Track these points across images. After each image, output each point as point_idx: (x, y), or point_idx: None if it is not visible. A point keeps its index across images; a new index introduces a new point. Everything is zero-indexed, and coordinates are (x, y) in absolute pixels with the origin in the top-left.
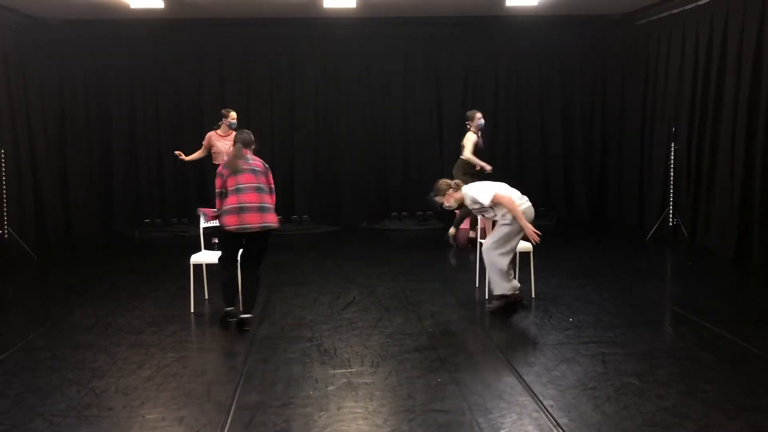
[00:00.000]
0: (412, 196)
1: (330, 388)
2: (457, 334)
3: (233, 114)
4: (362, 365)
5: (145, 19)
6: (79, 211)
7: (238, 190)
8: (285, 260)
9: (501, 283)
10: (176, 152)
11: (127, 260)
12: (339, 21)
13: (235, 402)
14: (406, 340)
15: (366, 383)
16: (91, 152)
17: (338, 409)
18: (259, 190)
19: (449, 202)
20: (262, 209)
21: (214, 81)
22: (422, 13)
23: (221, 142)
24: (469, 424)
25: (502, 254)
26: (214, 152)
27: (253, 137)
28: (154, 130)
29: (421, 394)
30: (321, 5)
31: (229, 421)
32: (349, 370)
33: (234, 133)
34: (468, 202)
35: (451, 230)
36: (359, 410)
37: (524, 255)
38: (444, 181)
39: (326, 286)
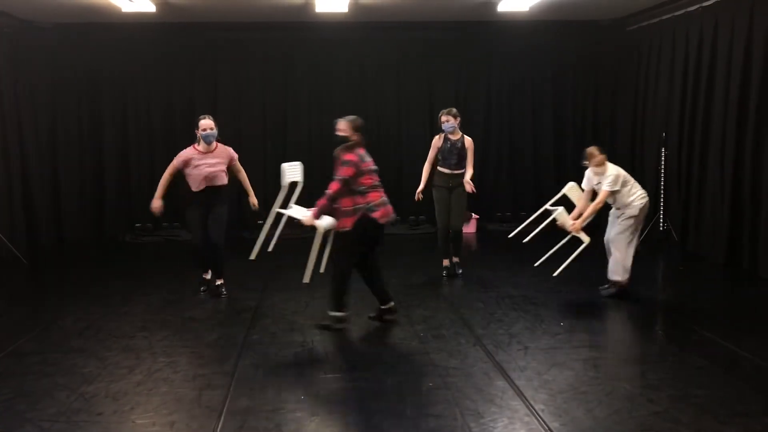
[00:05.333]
0: (404, 200)
1: (321, 392)
2: (448, 338)
3: (203, 123)
4: (354, 370)
5: (137, 23)
6: (70, 215)
7: (376, 187)
8: (277, 264)
9: (623, 271)
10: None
11: (118, 264)
12: (331, 25)
13: (226, 407)
14: (398, 344)
15: (357, 388)
16: (82, 156)
17: (329, 413)
18: None
19: (595, 165)
20: None
21: (206, 85)
22: (414, 18)
23: (202, 161)
24: (461, 429)
25: (630, 244)
26: (187, 175)
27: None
28: (145, 134)
29: (413, 399)
30: (313, 9)
31: (219, 426)
32: (341, 375)
33: (218, 146)
34: (608, 173)
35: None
36: (351, 415)
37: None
38: (595, 147)
39: (318, 290)
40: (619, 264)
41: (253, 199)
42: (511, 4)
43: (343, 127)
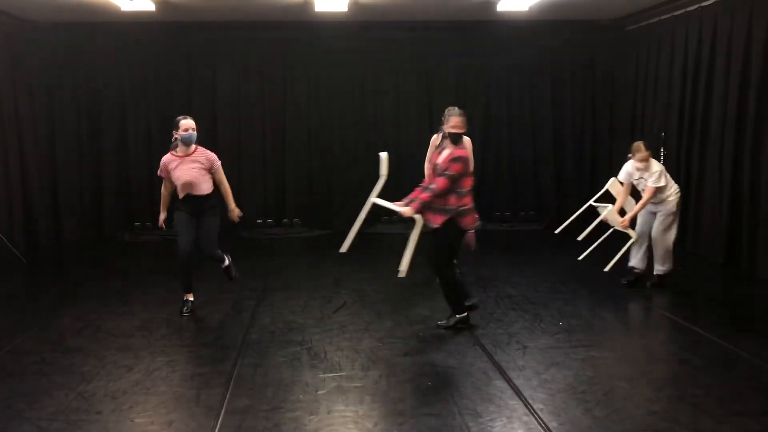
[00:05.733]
0: (403, 197)
1: (320, 392)
2: (447, 337)
3: (184, 123)
4: (353, 369)
5: (136, 22)
6: (69, 215)
7: (471, 191)
8: (275, 264)
9: (669, 264)
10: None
11: (117, 264)
12: (330, 25)
13: (224, 406)
14: (397, 343)
15: (356, 387)
16: (81, 155)
17: (328, 413)
18: None
19: (639, 160)
20: None
21: (204, 84)
22: (413, 18)
23: (179, 166)
24: (459, 428)
25: (674, 236)
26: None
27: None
28: (144, 133)
29: (412, 398)
30: (312, 9)
31: (218, 425)
32: (340, 374)
33: (197, 149)
34: (654, 170)
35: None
36: (349, 414)
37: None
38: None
39: (317, 290)
40: (668, 257)
41: (234, 213)
42: (511, 4)
43: (458, 123)
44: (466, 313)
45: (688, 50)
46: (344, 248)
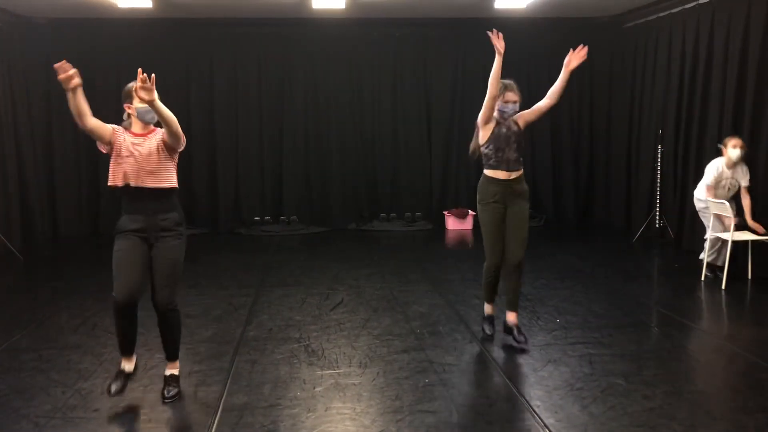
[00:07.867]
0: (400, 197)
1: (317, 389)
2: (445, 335)
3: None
4: (350, 366)
5: (133, 18)
6: (66, 212)
7: None
8: (273, 261)
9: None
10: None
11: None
12: (328, 22)
13: (222, 403)
14: (394, 341)
15: (354, 384)
16: (78, 152)
17: (326, 410)
18: None
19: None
20: None
21: (202, 81)
22: (411, 15)
23: (131, 147)
24: (457, 425)
25: None
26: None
27: None
28: None
29: (409, 395)
30: (310, 6)
31: (215, 422)
32: (337, 371)
33: (157, 130)
34: (746, 168)
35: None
36: (347, 411)
37: None
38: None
39: (314, 287)
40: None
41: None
42: (509, 1)
43: None
44: None
45: (686, 47)
46: None
